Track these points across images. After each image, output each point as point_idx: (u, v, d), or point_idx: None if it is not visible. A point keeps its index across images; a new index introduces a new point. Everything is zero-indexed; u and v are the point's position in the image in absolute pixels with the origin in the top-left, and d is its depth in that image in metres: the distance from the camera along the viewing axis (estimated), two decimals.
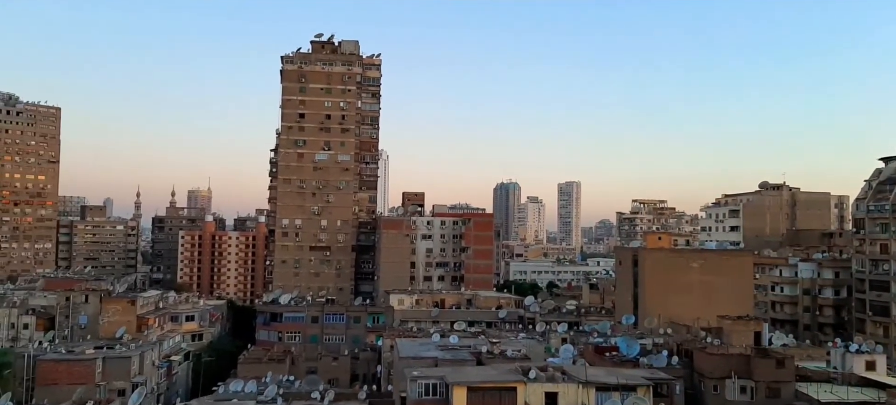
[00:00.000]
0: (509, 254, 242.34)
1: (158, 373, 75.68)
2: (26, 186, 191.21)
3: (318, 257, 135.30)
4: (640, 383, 44.97)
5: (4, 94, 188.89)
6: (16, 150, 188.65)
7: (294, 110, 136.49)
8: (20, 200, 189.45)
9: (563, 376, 46.02)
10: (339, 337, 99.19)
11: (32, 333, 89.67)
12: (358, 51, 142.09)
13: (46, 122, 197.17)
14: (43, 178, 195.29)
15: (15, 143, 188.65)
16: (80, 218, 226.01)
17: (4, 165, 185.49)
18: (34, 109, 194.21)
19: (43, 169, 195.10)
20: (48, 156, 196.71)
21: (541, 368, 47.55)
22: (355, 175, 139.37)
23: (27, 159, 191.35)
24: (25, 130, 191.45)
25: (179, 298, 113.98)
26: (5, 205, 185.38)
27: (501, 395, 43.37)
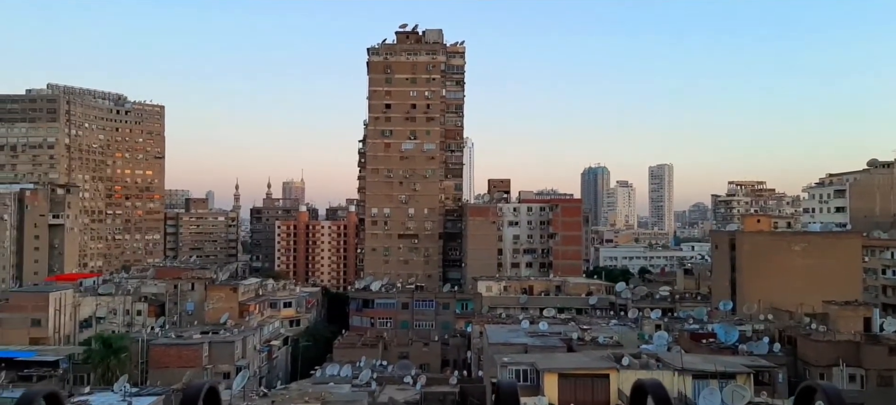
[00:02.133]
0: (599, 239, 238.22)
1: (260, 357, 79.19)
2: (136, 181, 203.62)
3: (407, 245, 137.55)
4: (739, 370, 43.37)
5: (114, 94, 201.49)
6: (126, 147, 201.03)
7: (380, 101, 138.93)
8: (131, 195, 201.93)
9: (658, 363, 45.00)
10: (428, 323, 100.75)
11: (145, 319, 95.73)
12: (442, 39, 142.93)
13: (152, 119, 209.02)
14: (150, 173, 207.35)
15: (125, 141, 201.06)
16: (184, 210, 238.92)
17: (116, 162, 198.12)
18: (141, 108, 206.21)
19: (150, 164, 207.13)
20: (155, 152, 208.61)
21: (634, 355, 46.69)
22: (441, 163, 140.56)
23: (136, 156, 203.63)
24: (134, 128, 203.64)
25: (277, 285, 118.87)
26: (118, 199, 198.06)
27: (593, 382, 42.88)
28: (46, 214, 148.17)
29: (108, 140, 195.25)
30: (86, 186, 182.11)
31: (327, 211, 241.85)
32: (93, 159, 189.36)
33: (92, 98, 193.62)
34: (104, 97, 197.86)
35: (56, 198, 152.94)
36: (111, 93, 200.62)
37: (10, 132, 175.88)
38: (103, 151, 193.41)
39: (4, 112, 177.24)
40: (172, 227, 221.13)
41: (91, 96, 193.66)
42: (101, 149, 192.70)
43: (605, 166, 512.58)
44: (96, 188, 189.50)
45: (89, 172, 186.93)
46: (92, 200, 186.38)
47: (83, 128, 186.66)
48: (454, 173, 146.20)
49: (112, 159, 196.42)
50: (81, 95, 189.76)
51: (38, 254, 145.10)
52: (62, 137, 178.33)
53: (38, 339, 79.90)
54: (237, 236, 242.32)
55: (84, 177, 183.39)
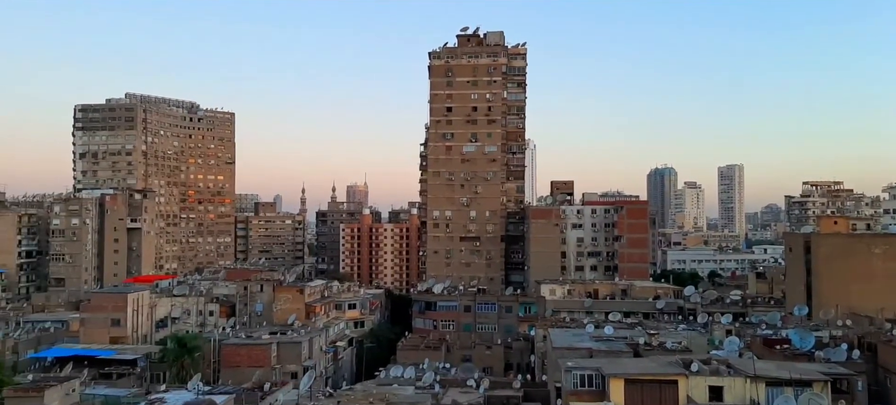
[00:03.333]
0: (666, 242, 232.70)
1: (326, 358, 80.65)
2: (208, 186, 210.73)
3: (469, 247, 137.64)
4: (815, 378, 41.53)
5: (187, 102, 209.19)
6: (198, 153, 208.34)
7: (442, 104, 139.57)
8: (203, 199, 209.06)
9: (729, 369, 43.55)
10: (491, 326, 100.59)
11: (217, 319, 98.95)
12: (503, 41, 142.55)
13: (223, 126, 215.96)
14: (221, 177, 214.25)
15: (197, 147, 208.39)
16: (254, 213, 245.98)
17: (189, 168, 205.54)
18: (212, 115, 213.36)
19: (221, 169, 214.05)
20: (225, 157, 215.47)
21: (704, 361, 45.33)
22: (502, 165, 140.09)
23: (208, 161, 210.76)
24: (206, 135, 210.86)
25: (342, 287, 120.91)
26: (191, 203, 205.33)
27: (661, 388, 41.81)
28: (125, 218, 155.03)
29: (182, 146, 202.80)
30: (161, 191, 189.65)
31: (390, 213, 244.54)
32: (168, 165, 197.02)
33: (167, 106, 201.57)
34: (178, 105, 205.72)
35: (134, 202, 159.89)
36: (184, 101, 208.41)
37: (92, 140, 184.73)
38: (177, 157, 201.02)
39: (86, 121, 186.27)
40: (242, 230, 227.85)
41: (166, 104, 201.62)
42: (176, 155, 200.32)
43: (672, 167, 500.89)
44: (171, 193, 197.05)
45: (164, 178, 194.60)
46: (167, 205, 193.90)
47: (159, 135, 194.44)
48: (516, 175, 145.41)
49: (186, 165, 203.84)
50: (157, 104, 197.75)
51: (117, 256, 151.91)
52: (139, 144, 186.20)
53: (117, 338, 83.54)
54: (303, 239, 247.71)
55: (160, 182, 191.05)
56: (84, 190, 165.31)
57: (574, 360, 49.27)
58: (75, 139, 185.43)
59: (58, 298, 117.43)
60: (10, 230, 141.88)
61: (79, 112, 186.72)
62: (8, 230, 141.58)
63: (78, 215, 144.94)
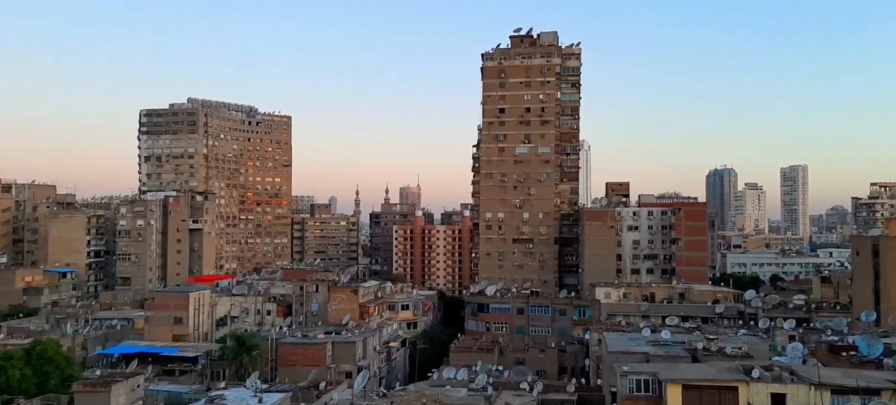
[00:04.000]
0: (726, 245, 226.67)
1: (379, 358, 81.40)
2: (266, 188, 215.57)
3: (522, 249, 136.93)
4: (884, 386, 39.80)
5: (246, 106, 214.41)
6: (256, 156, 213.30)
7: (494, 105, 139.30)
8: (261, 200, 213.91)
9: (792, 376, 42.12)
10: (544, 328, 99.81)
11: (274, 319, 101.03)
12: (557, 42, 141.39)
13: (280, 129, 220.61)
14: (279, 179, 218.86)
15: (255, 150, 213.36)
16: (309, 215, 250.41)
17: (248, 170, 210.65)
18: (270, 119, 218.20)
19: (278, 172, 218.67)
20: (282, 160, 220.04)
21: (765, 367, 43.97)
22: (556, 167, 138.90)
23: (266, 164, 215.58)
24: (263, 138, 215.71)
25: (395, 288, 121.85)
26: (249, 205, 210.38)
27: (721, 395, 40.77)
28: (187, 220, 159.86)
29: (241, 149, 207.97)
30: (221, 193, 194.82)
31: (442, 215, 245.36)
32: (227, 168, 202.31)
33: (226, 110, 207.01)
34: (237, 109, 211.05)
35: (195, 204, 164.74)
36: (243, 105, 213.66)
37: (156, 143, 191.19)
38: (237, 160, 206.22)
39: (151, 125, 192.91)
40: (299, 231, 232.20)
41: (226, 108, 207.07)
42: (235, 158, 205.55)
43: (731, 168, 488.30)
44: (231, 195, 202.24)
45: (224, 180, 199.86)
46: (227, 206, 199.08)
47: (219, 138, 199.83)
48: (570, 177, 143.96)
49: (244, 167, 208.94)
50: (217, 108, 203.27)
51: (179, 256, 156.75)
52: (201, 148, 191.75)
53: (179, 336, 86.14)
54: (357, 240, 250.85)
55: (220, 184, 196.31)
56: (149, 192, 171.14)
57: (630, 365, 48.49)
58: (140, 143, 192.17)
59: (124, 297, 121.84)
60: (79, 231, 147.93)
61: (144, 116, 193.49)
62: (78, 231, 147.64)
63: (143, 216, 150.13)
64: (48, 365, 60.34)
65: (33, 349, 61.72)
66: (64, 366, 62.31)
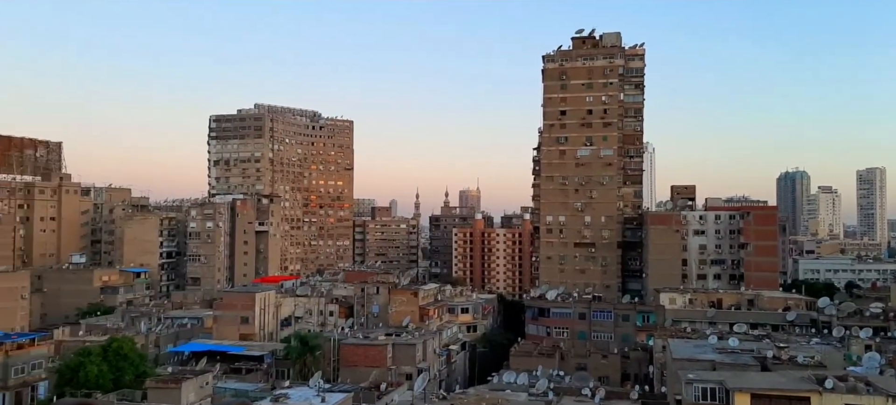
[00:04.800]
0: (798, 250, 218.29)
1: (439, 361, 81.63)
2: (328, 191, 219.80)
3: (583, 253, 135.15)
4: None
5: (310, 111, 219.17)
6: (320, 159, 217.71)
7: (555, 108, 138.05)
8: (324, 203, 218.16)
9: (868, 387, 40.22)
10: (607, 334, 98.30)
11: (336, 319, 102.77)
12: (620, 42, 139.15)
13: (342, 134, 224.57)
14: (341, 183, 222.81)
15: (319, 154, 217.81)
16: (370, 218, 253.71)
17: (311, 174, 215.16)
18: (333, 123, 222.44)
19: (341, 175, 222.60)
20: (345, 164, 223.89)
21: (839, 377, 42.11)
22: (619, 169, 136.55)
23: (328, 167, 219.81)
24: (326, 142, 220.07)
25: (455, 291, 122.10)
26: (313, 208, 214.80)
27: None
28: (253, 222, 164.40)
29: (305, 153, 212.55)
30: (286, 196, 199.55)
31: (502, 218, 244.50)
32: (292, 171, 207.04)
33: (291, 115, 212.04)
34: (302, 114, 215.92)
35: (261, 207, 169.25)
36: (307, 110, 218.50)
37: (224, 148, 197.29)
38: (301, 164, 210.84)
39: (220, 130, 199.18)
40: (360, 234, 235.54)
41: (291, 113, 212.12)
42: (299, 161, 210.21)
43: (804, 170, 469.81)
44: (295, 198, 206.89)
45: (289, 183, 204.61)
46: (291, 209, 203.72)
47: (284, 143, 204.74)
48: (633, 180, 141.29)
49: (308, 171, 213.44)
50: (282, 113, 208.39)
51: (246, 257, 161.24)
52: (267, 152, 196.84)
53: (246, 335, 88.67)
54: (417, 243, 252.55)
55: (285, 187, 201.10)
56: (217, 195, 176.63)
57: (696, 372, 47.23)
58: (210, 147, 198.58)
59: (194, 296, 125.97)
60: (152, 233, 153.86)
61: (213, 122, 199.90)
62: (151, 233, 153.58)
63: (212, 219, 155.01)
64: (123, 361, 63.02)
65: (110, 346, 64.57)
66: (138, 362, 64.96)
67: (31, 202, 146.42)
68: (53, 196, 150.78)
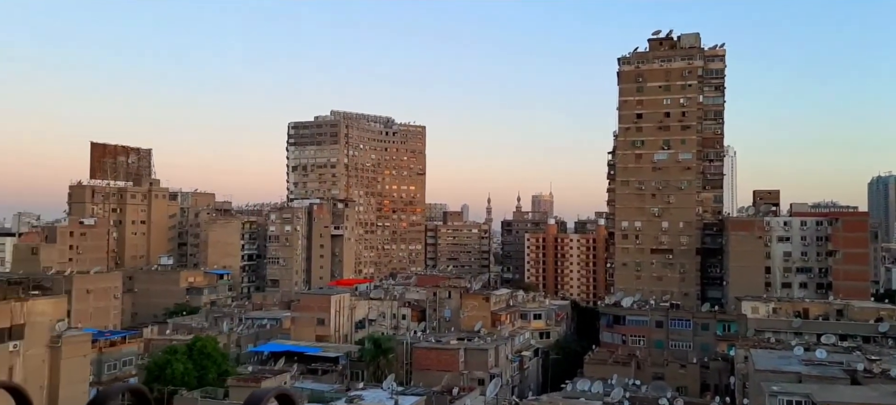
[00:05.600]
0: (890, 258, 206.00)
1: (512, 367, 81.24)
2: (401, 196, 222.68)
3: (660, 260, 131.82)
4: None
5: (383, 117, 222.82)
6: (393, 164, 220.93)
7: (631, 111, 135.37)
8: (397, 208, 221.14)
9: None
10: (685, 343, 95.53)
11: (409, 323, 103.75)
12: (699, 43, 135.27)
13: (415, 139, 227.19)
14: (413, 188, 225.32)
15: (392, 159, 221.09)
16: (442, 222, 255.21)
17: (385, 178, 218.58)
18: (405, 129, 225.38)
19: (413, 180, 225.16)
20: (417, 169, 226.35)
21: None
22: (698, 174, 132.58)
23: (401, 172, 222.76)
24: (399, 147, 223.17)
25: (527, 297, 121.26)
26: (386, 212, 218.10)
27: None
28: (329, 226, 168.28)
29: (379, 159, 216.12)
30: (360, 201, 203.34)
31: (576, 224, 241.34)
32: (366, 176, 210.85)
33: (365, 122, 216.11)
34: (375, 120, 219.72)
35: (337, 211, 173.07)
36: (381, 116, 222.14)
37: (302, 154, 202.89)
38: (374, 169, 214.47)
39: (298, 137, 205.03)
40: (432, 238, 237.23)
41: (365, 120, 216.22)
42: (373, 167, 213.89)
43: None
44: (369, 202, 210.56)
45: (363, 188, 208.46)
46: (365, 213, 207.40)
47: (359, 148, 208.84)
48: (713, 184, 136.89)
49: (382, 176, 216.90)
50: (357, 119, 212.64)
51: (322, 260, 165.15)
52: (342, 158, 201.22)
53: (322, 337, 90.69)
54: (489, 248, 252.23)
55: (359, 192, 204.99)
56: (295, 200, 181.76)
57: (780, 385, 45.31)
58: (288, 153, 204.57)
59: (273, 298, 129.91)
60: (234, 236, 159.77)
61: (291, 129, 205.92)
62: (233, 236, 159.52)
63: (290, 223, 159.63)
64: (207, 359, 65.64)
65: (194, 344, 67.37)
66: (220, 361, 67.53)
67: (124, 206, 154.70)
68: (144, 200, 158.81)
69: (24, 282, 54.49)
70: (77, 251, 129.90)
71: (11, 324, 47.18)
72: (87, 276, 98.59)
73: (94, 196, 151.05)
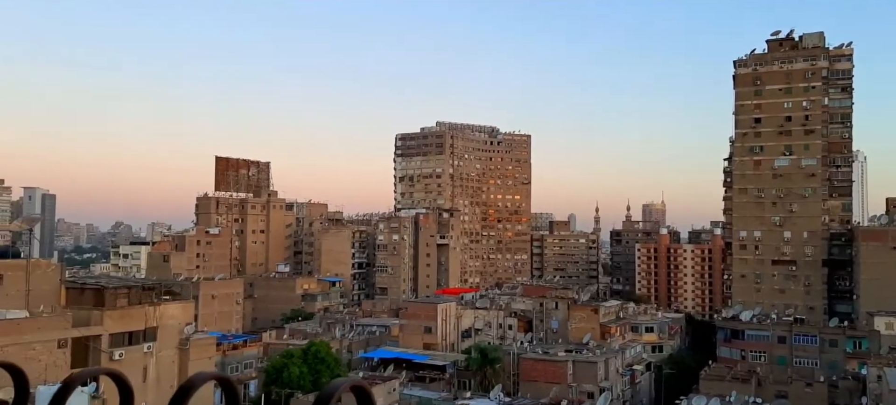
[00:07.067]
0: None
1: (622, 381, 79.18)
2: (506, 205, 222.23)
3: (782, 272, 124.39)
4: None
5: (488, 127, 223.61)
6: (498, 174, 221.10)
7: (749, 115, 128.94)
8: (502, 217, 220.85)
9: None
10: (810, 360, 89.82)
11: (515, 333, 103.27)
12: (823, 43, 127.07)
13: (520, 148, 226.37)
14: (518, 197, 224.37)
15: (497, 169, 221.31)
16: (548, 232, 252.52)
17: (489, 188, 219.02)
18: (510, 138, 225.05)
19: (518, 189, 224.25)
20: (522, 178, 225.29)
21: None
22: (823, 180, 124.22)
23: (506, 182, 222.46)
24: (504, 157, 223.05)
25: (638, 309, 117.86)
26: (491, 222, 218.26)
27: None
28: (435, 235, 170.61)
29: (484, 168, 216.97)
30: (465, 210, 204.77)
31: (690, 234, 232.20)
32: (471, 186, 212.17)
33: (470, 132, 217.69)
34: (480, 130, 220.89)
35: (442, 221, 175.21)
36: (485, 126, 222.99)
37: (409, 165, 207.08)
38: (479, 179, 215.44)
39: (405, 148, 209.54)
40: (538, 248, 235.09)
41: (469, 130, 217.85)
42: (478, 176, 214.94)
43: None
44: (474, 212, 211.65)
45: (468, 198, 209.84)
46: (470, 223, 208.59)
47: (463, 158, 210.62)
48: (841, 192, 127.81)
49: (486, 186, 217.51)
50: (462, 130, 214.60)
51: (428, 269, 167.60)
52: (447, 168, 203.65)
53: (429, 345, 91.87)
54: (598, 258, 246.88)
55: (464, 202, 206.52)
56: (402, 209, 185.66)
57: None
58: (396, 164, 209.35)
59: (382, 305, 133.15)
60: (346, 245, 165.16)
61: (399, 140, 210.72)
62: (344, 245, 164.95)
63: (397, 232, 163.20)
64: (321, 364, 68.13)
65: (309, 349, 70.11)
66: (333, 365, 69.91)
67: (245, 216, 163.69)
68: (263, 211, 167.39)
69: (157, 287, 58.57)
70: (203, 258, 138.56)
71: (146, 327, 50.80)
72: (212, 283, 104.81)
73: (219, 207, 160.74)
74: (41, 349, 41.96)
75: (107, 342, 46.71)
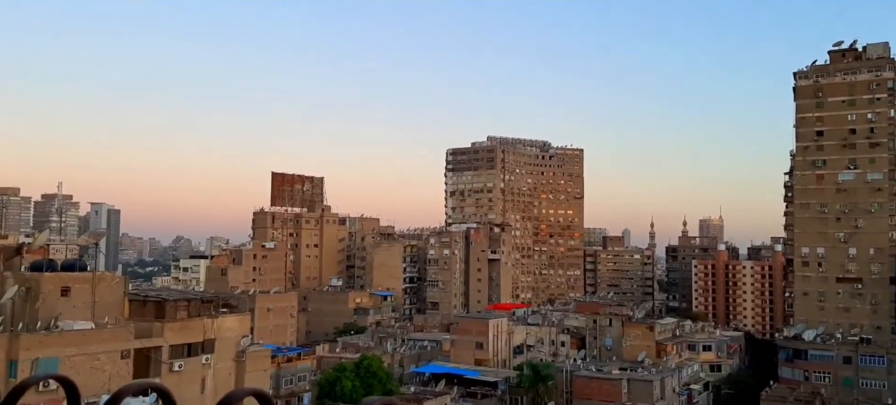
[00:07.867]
0: None
1: (679, 400, 77.36)
2: (558, 220, 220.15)
3: (847, 290, 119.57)
4: None
5: (539, 141, 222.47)
6: (549, 188, 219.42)
7: (810, 128, 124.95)
8: (554, 232, 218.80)
9: None
10: (879, 382, 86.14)
11: (568, 350, 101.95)
12: (888, 54, 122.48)
13: (572, 163, 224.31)
14: (571, 212, 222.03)
15: (548, 183, 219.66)
16: (602, 247, 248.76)
17: (541, 203, 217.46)
18: (562, 152, 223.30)
19: (570, 204, 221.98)
20: (574, 193, 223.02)
21: None
22: (891, 195, 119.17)
23: (558, 197, 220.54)
24: (556, 171, 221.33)
25: (695, 327, 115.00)
26: (543, 237, 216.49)
27: None
28: (486, 250, 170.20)
29: (535, 183, 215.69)
30: (517, 225, 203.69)
31: (749, 250, 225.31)
32: (522, 201, 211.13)
33: (521, 146, 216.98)
34: (531, 145, 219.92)
35: (493, 235, 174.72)
36: (537, 140, 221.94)
37: (459, 179, 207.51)
38: (531, 193, 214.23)
39: (456, 163, 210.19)
40: (591, 264, 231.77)
41: (521, 144, 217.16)
42: (529, 191, 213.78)
43: None
44: (525, 227, 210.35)
45: (519, 213, 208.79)
46: (522, 238, 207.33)
47: (514, 173, 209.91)
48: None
49: (538, 200, 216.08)
50: (513, 144, 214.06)
51: (479, 284, 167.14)
52: (498, 182, 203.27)
53: (480, 360, 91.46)
54: (653, 274, 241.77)
55: (515, 217, 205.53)
56: (453, 224, 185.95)
57: None
58: (447, 179, 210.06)
59: (433, 320, 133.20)
60: (397, 259, 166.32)
61: (450, 155, 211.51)
62: (396, 259, 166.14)
63: (448, 247, 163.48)
64: (372, 378, 68.62)
65: (361, 363, 70.73)
66: (385, 379, 70.31)
67: (299, 231, 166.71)
68: (317, 225, 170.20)
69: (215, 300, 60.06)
70: (259, 272, 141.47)
71: (204, 339, 52.13)
72: (267, 296, 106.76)
73: (274, 221, 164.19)
74: (105, 359, 43.57)
75: (167, 353, 48.14)
